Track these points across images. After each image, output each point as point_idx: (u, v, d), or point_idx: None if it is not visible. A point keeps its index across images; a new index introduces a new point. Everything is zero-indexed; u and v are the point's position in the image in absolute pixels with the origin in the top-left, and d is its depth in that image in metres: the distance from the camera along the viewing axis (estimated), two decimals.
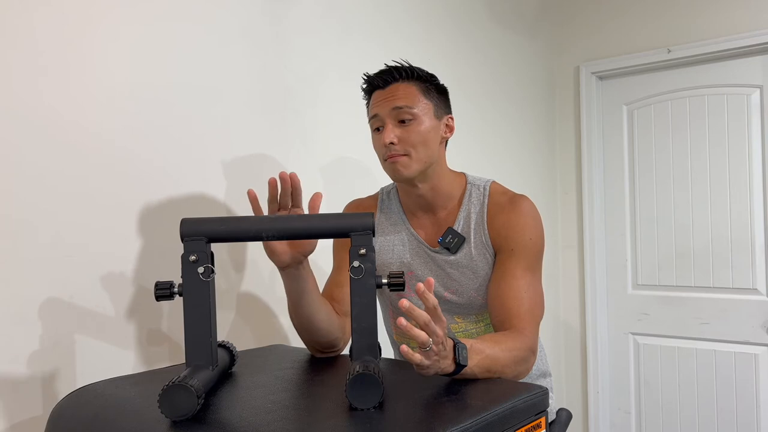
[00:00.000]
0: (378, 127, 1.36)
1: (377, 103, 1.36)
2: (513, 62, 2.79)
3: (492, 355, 1.10)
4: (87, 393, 1.10)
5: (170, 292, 1.03)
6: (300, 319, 1.30)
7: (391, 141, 1.31)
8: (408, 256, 1.43)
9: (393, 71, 1.36)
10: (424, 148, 1.34)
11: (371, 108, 1.38)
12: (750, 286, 2.65)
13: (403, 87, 1.35)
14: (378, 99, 1.36)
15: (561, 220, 3.12)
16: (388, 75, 1.36)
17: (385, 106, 1.33)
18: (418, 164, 1.33)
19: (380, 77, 1.36)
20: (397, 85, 1.35)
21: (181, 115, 1.50)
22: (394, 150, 1.32)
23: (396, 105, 1.32)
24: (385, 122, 1.33)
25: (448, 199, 1.41)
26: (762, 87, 2.63)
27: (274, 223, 1.07)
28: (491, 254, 1.37)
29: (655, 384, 2.88)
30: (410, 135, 1.32)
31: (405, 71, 1.36)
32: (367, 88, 1.40)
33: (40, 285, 1.24)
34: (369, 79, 1.39)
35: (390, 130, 1.32)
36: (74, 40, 1.30)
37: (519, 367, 1.20)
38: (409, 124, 1.33)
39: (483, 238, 1.37)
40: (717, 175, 2.72)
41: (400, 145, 1.32)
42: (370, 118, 1.38)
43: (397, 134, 1.32)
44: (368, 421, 0.88)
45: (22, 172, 1.22)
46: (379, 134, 1.36)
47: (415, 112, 1.33)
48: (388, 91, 1.35)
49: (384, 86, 1.36)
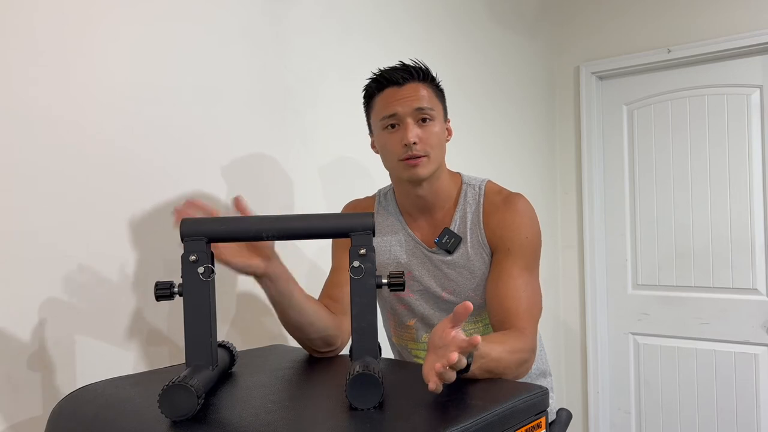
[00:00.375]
0: (392, 125, 1.33)
1: (395, 101, 1.32)
2: (513, 62, 2.79)
3: (496, 357, 1.10)
4: (87, 393, 1.10)
5: (170, 292, 1.03)
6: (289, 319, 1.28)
7: (415, 140, 1.29)
8: (405, 257, 1.43)
9: (412, 70, 1.34)
10: (440, 150, 1.34)
11: (386, 106, 1.33)
12: (750, 286, 2.65)
13: (422, 87, 1.33)
14: (395, 97, 1.32)
15: (561, 220, 3.12)
16: (407, 73, 1.33)
17: (407, 105, 1.31)
18: (434, 165, 1.34)
19: (398, 73, 1.33)
20: (415, 84, 1.33)
21: (181, 115, 1.50)
22: (416, 150, 1.30)
23: (419, 106, 1.31)
24: (406, 121, 1.31)
25: (445, 199, 1.41)
26: (762, 87, 2.63)
27: (274, 223, 1.07)
28: (488, 254, 1.37)
29: (655, 384, 2.88)
30: (430, 136, 1.32)
31: (423, 72, 1.35)
32: (377, 85, 1.36)
33: (40, 285, 1.24)
34: (385, 74, 1.35)
35: (412, 128, 1.30)
36: (74, 40, 1.30)
37: (520, 368, 1.20)
38: (428, 124, 1.32)
39: (479, 237, 1.37)
40: (717, 175, 2.72)
41: (421, 145, 1.30)
42: (385, 116, 1.33)
43: (417, 133, 1.30)
44: (368, 421, 0.88)
45: (21, 172, 1.22)
46: (393, 133, 1.33)
47: (434, 113, 1.33)
48: (407, 89, 1.32)
49: (402, 83, 1.33)
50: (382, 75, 1.35)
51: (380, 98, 1.35)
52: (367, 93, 1.39)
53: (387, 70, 1.36)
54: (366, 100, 1.41)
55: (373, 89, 1.37)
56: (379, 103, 1.35)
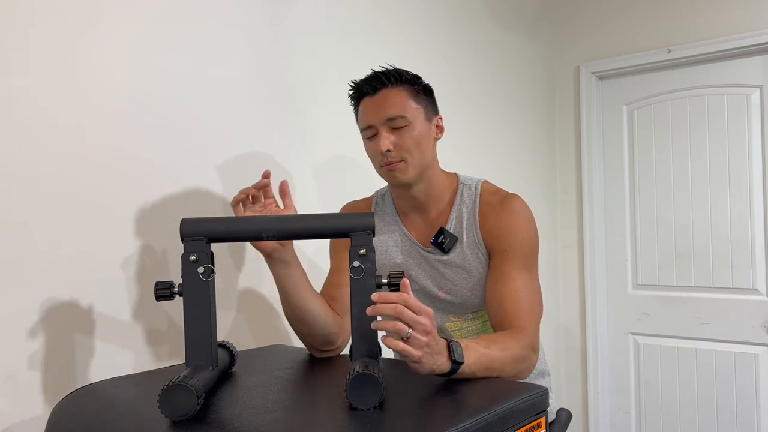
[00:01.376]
0: (371, 136, 1.35)
1: (369, 112, 1.34)
2: (513, 62, 2.79)
3: (488, 353, 1.10)
4: (87, 393, 1.10)
5: (170, 292, 1.03)
6: (294, 310, 1.31)
7: (388, 149, 1.30)
8: (401, 257, 1.44)
9: (381, 77, 1.34)
10: (419, 153, 1.33)
11: (362, 117, 1.36)
12: (750, 286, 2.65)
13: (394, 93, 1.33)
14: (369, 107, 1.34)
15: (561, 220, 3.12)
16: (376, 81, 1.34)
17: (378, 116, 1.32)
18: (414, 168, 1.34)
19: (369, 84, 1.34)
20: (387, 91, 1.33)
21: (181, 116, 1.50)
22: (391, 157, 1.32)
23: (389, 115, 1.31)
24: (379, 130, 1.32)
25: (440, 199, 1.42)
26: (762, 87, 2.63)
27: (274, 223, 1.07)
28: (484, 254, 1.37)
29: (655, 384, 2.88)
30: (405, 141, 1.32)
31: (393, 76, 1.34)
32: (355, 95, 1.38)
33: (40, 285, 1.24)
34: (357, 86, 1.37)
35: (385, 137, 1.31)
36: (74, 40, 1.30)
37: (519, 365, 1.20)
38: (402, 130, 1.32)
39: (475, 237, 1.37)
40: (717, 175, 2.72)
41: (395, 152, 1.31)
42: (362, 128, 1.37)
43: (392, 140, 1.31)
44: (368, 421, 0.88)
45: (21, 173, 1.22)
46: (373, 142, 1.34)
47: (408, 118, 1.32)
48: (378, 98, 1.33)
49: (374, 93, 1.34)
50: (357, 86, 1.38)
51: (360, 109, 1.38)
52: (352, 103, 1.42)
53: (361, 80, 1.38)
54: (353, 109, 1.43)
55: (354, 100, 1.40)
56: (359, 114, 1.39)
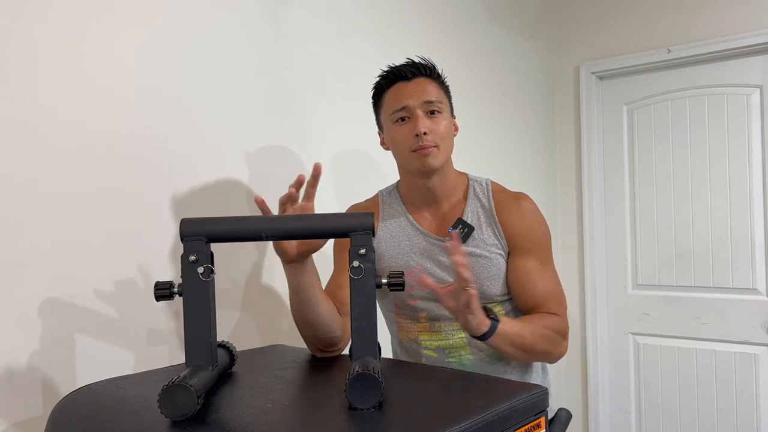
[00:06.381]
0: (403, 118, 1.38)
1: (404, 95, 1.38)
2: (513, 62, 2.79)
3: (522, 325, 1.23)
4: (87, 393, 1.10)
5: (170, 292, 1.03)
6: (302, 314, 1.31)
7: (425, 131, 1.34)
8: (416, 251, 1.44)
9: (420, 66, 1.40)
10: (449, 142, 1.40)
11: (396, 99, 1.39)
12: (750, 286, 2.65)
13: (429, 83, 1.40)
14: (404, 90, 1.38)
15: (561, 219, 3.12)
16: (414, 68, 1.40)
17: (416, 98, 1.36)
18: (444, 156, 1.39)
19: (408, 69, 1.40)
20: (423, 79, 1.39)
21: (181, 116, 1.50)
22: (426, 140, 1.35)
23: (428, 99, 1.37)
24: (416, 113, 1.36)
25: (452, 193, 1.45)
26: (762, 87, 2.63)
27: (273, 223, 1.07)
28: (504, 248, 1.41)
29: (655, 384, 2.88)
30: (439, 127, 1.37)
31: (430, 69, 1.42)
32: (386, 81, 1.42)
33: (40, 285, 1.24)
34: (393, 70, 1.41)
35: (423, 119, 1.35)
36: (74, 40, 1.31)
37: (549, 346, 1.31)
38: (437, 117, 1.38)
39: (495, 230, 1.41)
40: (717, 175, 2.72)
41: (431, 136, 1.35)
42: (395, 109, 1.39)
43: (427, 125, 1.35)
44: (368, 421, 0.88)
45: (22, 172, 1.22)
46: (404, 125, 1.38)
47: (442, 107, 1.39)
48: (415, 84, 1.38)
49: (410, 78, 1.39)
50: (391, 71, 1.42)
51: (389, 93, 1.41)
52: (377, 90, 1.45)
53: (395, 66, 1.42)
54: (375, 97, 1.46)
55: (383, 85, 1.43)
56: (389, 97, 1.41)
